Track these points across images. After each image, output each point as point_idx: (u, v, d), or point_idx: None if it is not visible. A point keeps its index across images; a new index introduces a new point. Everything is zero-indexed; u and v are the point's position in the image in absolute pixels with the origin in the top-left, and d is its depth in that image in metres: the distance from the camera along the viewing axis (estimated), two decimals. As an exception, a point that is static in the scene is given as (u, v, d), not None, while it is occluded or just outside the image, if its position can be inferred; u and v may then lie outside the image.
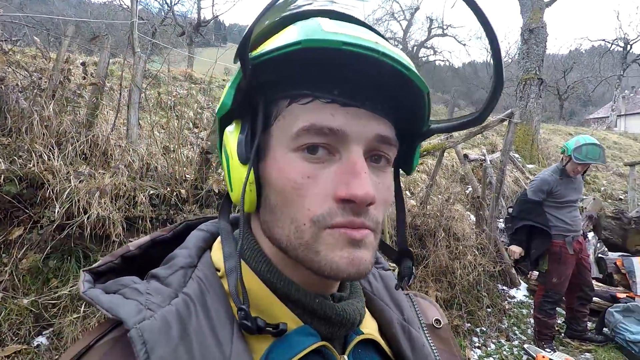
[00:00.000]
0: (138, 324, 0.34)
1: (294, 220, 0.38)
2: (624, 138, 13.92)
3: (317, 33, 0.35)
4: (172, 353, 0.34)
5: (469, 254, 3.70)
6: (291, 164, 0.38)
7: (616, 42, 24.53)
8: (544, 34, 8.17)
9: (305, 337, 0.40)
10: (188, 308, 0.37)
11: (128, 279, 0.41)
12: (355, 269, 0.37)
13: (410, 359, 0.47)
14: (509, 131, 4.02)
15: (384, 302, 0.51)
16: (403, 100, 0.40)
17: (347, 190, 0.36)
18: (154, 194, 2.93)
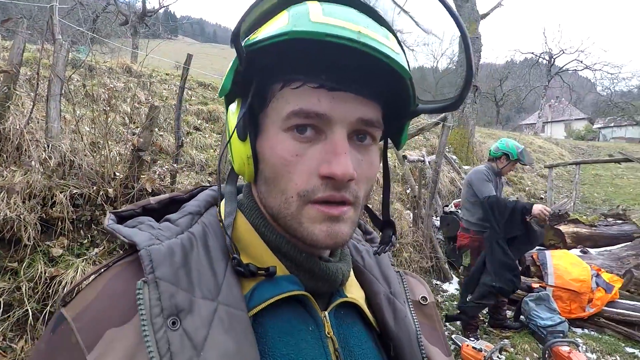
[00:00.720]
0: (148, 247, 0.40)
1: (284, 192, 0.43)
2: (548, 143, 15.40)
3: (304, 23, 0.38)
4: (174, 273, 0.39)
5: (406, 251, 3.87)
6: (282, 142, 0.42)
7: (542, 55, 27.06)
8: (479, 44, 8.78)
9: (290, 284, 0.45)
10: (191, 242, 0.43)
11: (145, 218, 0.47)
12: (333, 241, 0.42)
13: (392, 327, 0.51)
14: (443, 134, 4.27)
15: (374, 276, 0.55)
16: (388, 83, 0.43)
17: (329, 168, 0.40)
18: (77, 193, 2.72)
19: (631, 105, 27.36)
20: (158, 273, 0.39)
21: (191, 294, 0.39)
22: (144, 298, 0.37)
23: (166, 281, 0.39)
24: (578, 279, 3.72)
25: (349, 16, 0.39)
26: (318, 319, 0.46)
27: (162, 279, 0.38)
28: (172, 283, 0.39)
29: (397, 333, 0.51)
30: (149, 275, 0.38)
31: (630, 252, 4.43)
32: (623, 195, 9.97)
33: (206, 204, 0.51)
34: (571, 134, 30.84)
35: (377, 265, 0.57)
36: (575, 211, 6.95)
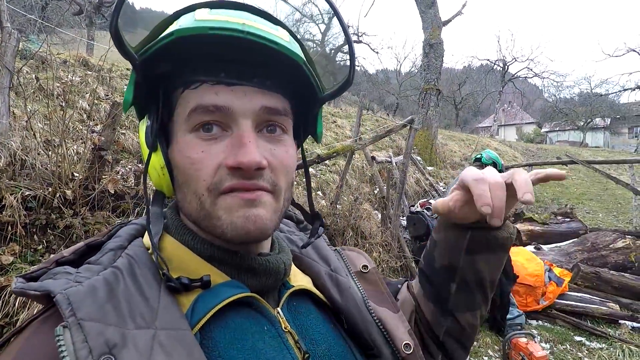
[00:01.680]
0: (64, 290, 0.36)
1: (196, 193, 0.42)
2: (503, 145, 16.33)
3: (188, 22, 0.38)
4: (99, 310, 0.36)
5: (375, 251, 3.94)
6: (189, 143, 0.42)
7: (497, 62, 28.68)
8: (441, 50, 9.14)
9: (232, 288, 0.43)
10: (116, 276, 0.40)
11: (60, 268, 0.42)
12: (253, 225, 0.41)
13: (338, 300, 0.52)
14: (410, 136, 4.40)
15: (312, 259, 0.57)
16: (289, 75, 0.44)
17: (234, 159, 0.40)
18: (30, 195, 2.52)
19: (573, 111, 29.72)
20: (80, 314, 0.35)
21: (123, 327, 0.35)
22: (66, 343, 0.33)
23: (91, 320, 0.35)
24: (533, 273, 3.97)
25: (234, 13, 0.41)
26: (271, 316, 0.45)
27: (86, 319, 0.34)
28: (98, 321, 0.35)
29: (345, 305, 0.52)
30: (70, 318, 0.34)
31: (577, 248, 4.81)
32: (568, 194, 10.80)
33: (129, 237, 0.48)
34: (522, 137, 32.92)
35: (314, 250, 0.59)
36: (528, 210, 7.42)
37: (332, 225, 3.87)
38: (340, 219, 3.93)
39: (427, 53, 9.18)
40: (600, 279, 4.08)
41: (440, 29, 9.28)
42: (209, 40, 0.38)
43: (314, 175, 5.67)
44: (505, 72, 28.39)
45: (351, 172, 5.71)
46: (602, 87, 29.51)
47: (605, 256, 4.58)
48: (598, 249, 4.67)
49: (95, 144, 2.89)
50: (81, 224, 2.59)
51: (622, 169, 11.08)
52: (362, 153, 5.90)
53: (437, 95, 9.00)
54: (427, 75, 9.07)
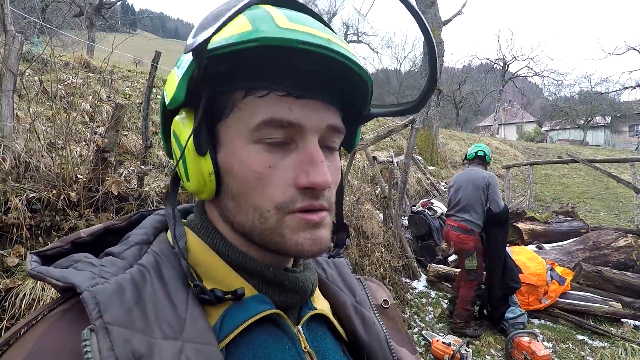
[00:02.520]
0: (91, 287, 0.34)
1: (257, 207, 0.40)
2: (503, 144, 16.33)
3: (271, 29, 0.36)
4: (126, 314, 0.33)
5: (377, 251, 3.95)
6: (253, 155, 0.39)
7: (497, 61, 28.68)
8: (441, 49, 9.15)
9: (260, 304, 0.42)
10: (143, 276, 0.37)
11: (80, 255, 0.40)
12: (317, 248, 0.41)
13: (363, 336, 0.50)
14: (411, 136, 4.41)
15: (338, 287, 0.54)
16: (349, 89, 0.44)
17: (308, 179, 0.39)
18: (35, 197, 2.53)
19: (573, 110, 29.71)
20: (107, 317, 0.32)
21: (150, 336, 0.33)
22: (93, 350, 0.30)
23: (118, 325, 0.32)
24: (535, 273, 3.98)
25: (312, 24, 0.39)
26: (292, 334, 0.44)
27: (113, 323, 0.32)
28: (125, 326, 0.33)
29: (369, 341, 0.50)
30: (97, 321, 0.32)
31: (579, 247, 4.81)
32: (569, 193, 10.80)
33: (154, 230, 0.46)
34: (522, 136, 32.91)
35: (339, 276, 0.57)
36: (529, 209, 7.43)
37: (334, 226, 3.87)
38: (342, 219, 3.94)
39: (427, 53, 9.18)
40: (602, 278, 4.09)
41: (440, 28, 9.29)
42: (284, 48, 0.37)
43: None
44: (505, 71, 28.39)
45: (353, 172, 5.72)
46: (602, 86, 29.64)
47: (607, 255, 4.58)
48: (600, 247, 4.68)
49: (99, 146, 2.91)
50: (85, 226, 2.60)
51: (623, 168, 11.09)
52: (364, 153, 5.91)
53: (438, 95, 9.01)
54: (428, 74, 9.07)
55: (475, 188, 3.48)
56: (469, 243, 3.47)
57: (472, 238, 3.47)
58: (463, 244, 3.50)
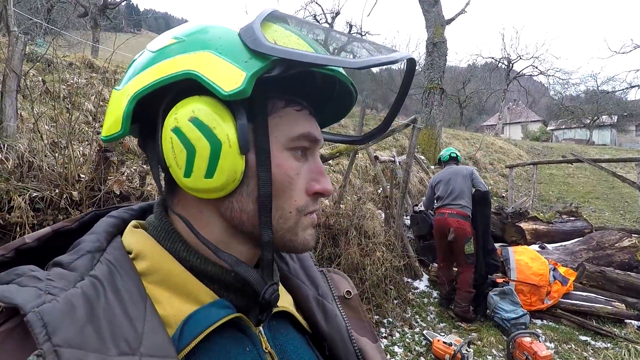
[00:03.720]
0: (37, 307, 0.31)
1: (280, 208, 0.43)
2: (507, 144, 16.24)
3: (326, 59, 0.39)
4: (79, 333, 0.31)
5: (378, 250, 3.95)
6: (288, 161, 0.43)
7: (502, 60, 28.49)
8: (445, 48, 9.11)
9: (221, 309, 0.42)
10: (96, 289, 0.35)
11: (25, 268, 0.36)
12: (314, 243, 0.47)
13: (324, 328, 0.52)
14: (413, 135, 4.40)
15: (301, 280, 0.56)
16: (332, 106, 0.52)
17: (321, 186, 0.45)
18: (38, 196, 2.56)
19: (579, 109, 29.45)
20: (57, 339, 0.30)
21: (105, 354, 0.32)
22: None
23: (70, 347, 0.30)
24: (537, 273, 3.96)
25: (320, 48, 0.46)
26: (253, 336, 0.44)
27: (64, 345, 0.30)
28: (77, 347, 0.31)
29: (330, 333, 0.52)
30: (44, 344, 0.30)
31: (582, 247, 4.78)
32: (574, 193, 10.72)
33: (107, 235, 0.43)
34: (527, 135, 32.69)
35: (302, 269, 0.58)
36: (533, 209, 7.38)
37: (335, 225, 3.88)
38: (343, 218, 3.94)
39: (430, 52, 9.16)
40: (606, 278, 4.06)
41: (443, 27, 9.25)
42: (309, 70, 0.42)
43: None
44: (510, 70, 28.18)
45: (355, 171, 5.72)
46: (608, 85, 29.25)
47: (610, 255, 4.54)
48: (603, 247, 4.64)
49: (101, 146, 2.93)
50: (87, 225, 2.63)
51: (629, 167, 10.99)
52: (365, 153, 5.90)
53: (441, 94, 8.98)
54: (431, 74, 9.05)
55: (464, 178, 3.86)
56: (467, 228, 3.76)
57: (469, 224, 3.78)
58: (463, 229, 3.75)
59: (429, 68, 9.14)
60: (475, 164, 10.53)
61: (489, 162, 11.60)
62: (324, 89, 0.49)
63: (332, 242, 3.83)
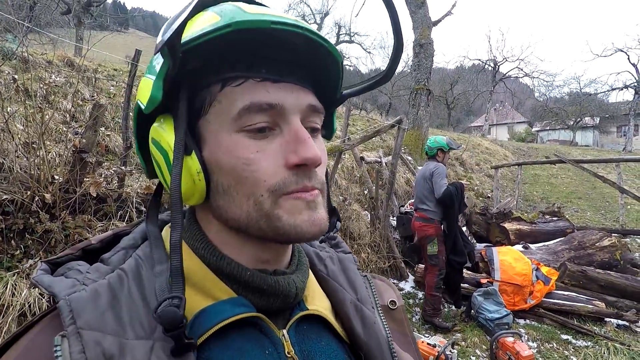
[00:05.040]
0: (68, 296, 0.36)
1: (251, 194, 0.39)
2: (494, 145, 16.46)
3: (242, 14, 0.37)
4: (99, 317, 0.35)
5: (363, 252, 3.93)
6: (239, 143, 0.39)
7: (488, 62, 28.92)
8: (431, 50, 9.17)
9: (237, 307, 0.41)
10: (121, 280, 0.39)
11: (74, 263, 0.42)
12: (317, 228, 0.40)
13: (361, 334, 0.48)
14: (398, 136, 4.40)
15: (339, 283, 0.52)
16: (321, 71, 0.44)
17: (298, 156, 0.39)
18: (7, 199, 2.46)
19: (563, 111, 30.08)
20: (80, 322, 0.35)
21: (121, 337, 0.35)
22: (64, 354, 0.33)
23: (90, 329, 0.34)
24: (521, 273, 4.00)
25: (278, 11, 0.40)
26: (275, 339, 0.42)
27: (85, 327, 0.34)
28: (97, 330, 0.35)
29: (367, 341, 0.48)
30: (69, 327, 0.34)
31: (564, 247, 4.85)
32: (557, 193, 10.91)
33: (143, 234, 0.46)
34: (513, 136, 33.23)
35: (343, 272, 0.54)
36: (517, 209, 7.48)
37: (320, 227, 3.85)
38: (328, 220, 3.91)
39: (417, 53, 9.21)
40: (587, 278, 4.12)
41: (430, 29, 9.31)
42: (252, 35, 0.38)
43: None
44: (496, 71, 28.63)
45: (340, 172, 5.69)
46: (591, 87, 29.92)
47: (591, 254, 4.62)
48: (585, 247, 4.71)
49: (77, 146, 2.84)
50: (60, 228, 2.54)
51: (610, 167, 11.24)
52: (351, 153, 5.88)
53: (428, 96, 9.03)
54: (418, 75, 9.10)
55: (424, 180, 3.76)
56: (428, 230, 3.71)
57: (432, 225, 3.72)
58: (423, 231, 3.74)
59: (416, 69, 9.18)
60: (461, 164, 10.63)
61: (476, 163, 11.73)
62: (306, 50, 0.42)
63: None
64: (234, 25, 0.36)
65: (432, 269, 3.72)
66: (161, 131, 0.41)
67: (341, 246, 0.60)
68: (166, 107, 0.40)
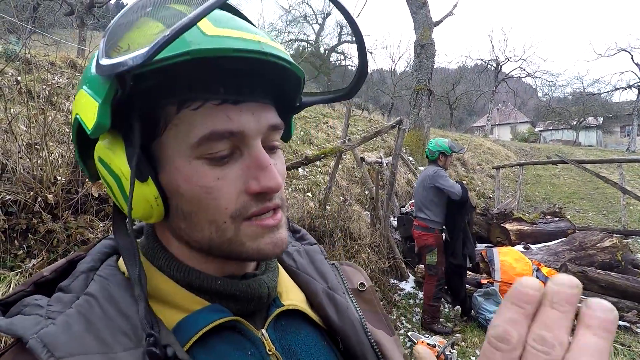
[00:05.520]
0: (36, 334, 0.34)
1: (212, 222, 0.39)
2: (496, 145, 16.43)
3: (200, 39, 0.34)
4: (79, 343, 0.34)
5: (364, 252, 3.94)
6: (198, 171, 0.38)
7: (490, 62, 28.84)
8: (432, 50, 9.17)
9: (213, 313, 0.41)
10: (90, 304, 0.37)
11: (30, 299, 0.39)
12: (279, 249, 0.42)
13: (336, 321, 0.49)
14: (399, 137, 4.40)
15: (309, 275, 0.53)
16: (281, 84, 0.43)
17: (259, 184, 0.39)
18: (10, 200, 2.49)
19: (566, 110, 29.97)
20: (59, 353, 0.33)
21: (109, 353, 0.34)
22: None
23: (72, 355, 0.33)
24: (521, 273, 3.99)
25: (238, 25, 0.38)
26: (255, 339, 0.43)
27: (67, 355, 0.33)
28: (81, 353, 0.33)
29: (342, 326, 0.49)
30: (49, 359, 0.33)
31: (565, 247, 4.84)
32: (559, 193, 10.88)
33: (101, 255, 0.45)
34: (516, 136, 33.12)
35: (311, 263, 0.56)
36: (519, 210, 7.47)
37: (320, 227, 3.86)
38: (328, 220, 3.93)
39: (418, 53, 9.21)
40: (587, 278, 4.11)
41: (431, 29, 9.31)
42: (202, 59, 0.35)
43: (304, 177, 5.66)
44: (498, 71, 28.55)
45: (341, 173, 5.71)
46: (594, 87, 29.82)
47: (592, 255, 4.61)
48: (585, 248, 4.70)
49: (78, 147, 2.86)
50: (62, 229, 2.56)
51: (613, 168, 11.19)
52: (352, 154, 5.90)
53: (429, 96, 9.03)
54: (419, 75, 9.10)
55: (424, 188, 3.62)
56: (428, 240, 3.61)
57: (432, 235, 3.60)
58: (423, 240, 3.64)
59: (417, 69, 9.19)
60: (463, 164, 10.62)
61: (477, 163, 11.71)
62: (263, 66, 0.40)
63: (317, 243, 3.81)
64: (192, 54, 0.33)
65: (431, 278, 3.62)
66: (110, 154, 0.38)
67: (306, 238, 0.61)
68: (113, 123, 0.36)
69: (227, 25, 0.37)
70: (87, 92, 0.37)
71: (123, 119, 0.37)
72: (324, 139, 7.49)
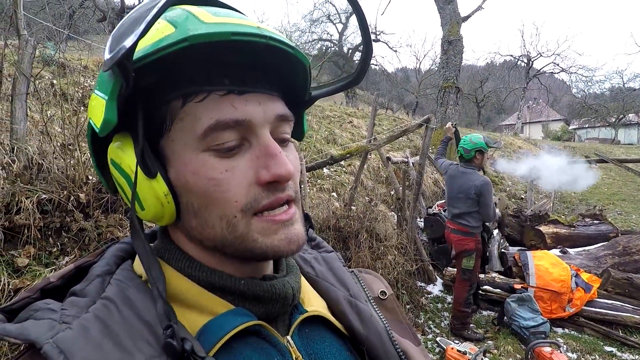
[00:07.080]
0: (51, 339, 0.33)
1: (223, 216, 0.38)
2: (527, 143, 15.78)
3: (198, 26, 0.34)
4: (97, 350, 0.33)
5: (390, 254, 3.84)
6: (206, 163, 0.37)
7: (521, 58, 27.76)
8: (460, 46, 8.89)
9: (237, 317, 0.40)
10: (108, 309, 0.36)
11: (41, 303, 0.38)
12: (295, 245, 0.40)
13: (360, 329, 0.47)
14: (426, 136, 4.27)
15: (329, 283, 0.52)
16: (287, 75, 0.42)
17: (270, 173, 0.37)
18: (45, 199, 2.57)
19: (604, 107, 28.40)
20: (76, 359, 0.32)
21: (129, 359, 0.33)
22: None
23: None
24: (558, 279, 3.77)
25: (236, 15, 0.38)
26: (281, 346, 0.41)
27: None
28: (99, 359, 0.32)
29: (367, 335, 0.47)
30: None
31: (607, 252, 4.54)
32: (598, 195, 10.29)
33: (116, 259, 0.44)
34: (548, 135, 31.75)
35: (330, 271, 0.54)
36: (554, 211, 7.11)
37: (345, 228, 3.79)
38: (354, 220, 3.85)
39: (445, 50, 8.95)
40: (633, 286, 3.83)
41: (459, 25, 9.03)
42: (213, 44, 0.35)
43: (329, 176, 5.61)
44: (529, 67, 27.43)
45: (367, 173, 5.62)
46: (635, 81, 28.12)
47: (638, 261, 4.30)
48: (630, 253, 4.39)
49: (109, 148, 2.93)
50: (93, 227, 2.62)
51: (657, 168, 10.47)
52: (377, 154, 5.79)
53: (457, 93, 8.76)
54: (446, 72, 8.84)
55: (467, 197, 3.37)
56: (469, 244, 3.44)
57: (472, 239, 3.44)
58: (462, 245, 3.47)
59: (445, 66, 8.93)
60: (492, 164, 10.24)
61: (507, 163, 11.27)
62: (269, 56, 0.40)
63: (343, 244, 3.75)
64: (190, 40, 0.33)
65: (463, 283, 3.48)
66: (121, 153, 0.39)
67: (322, 246, 0.60)
68: (123, 124, 0.37)
69: (224, 15, 0.37)
70: (97, 95, 0.38)
71: (131, 119, 0.38)
72: (348, 138, 7.41)
